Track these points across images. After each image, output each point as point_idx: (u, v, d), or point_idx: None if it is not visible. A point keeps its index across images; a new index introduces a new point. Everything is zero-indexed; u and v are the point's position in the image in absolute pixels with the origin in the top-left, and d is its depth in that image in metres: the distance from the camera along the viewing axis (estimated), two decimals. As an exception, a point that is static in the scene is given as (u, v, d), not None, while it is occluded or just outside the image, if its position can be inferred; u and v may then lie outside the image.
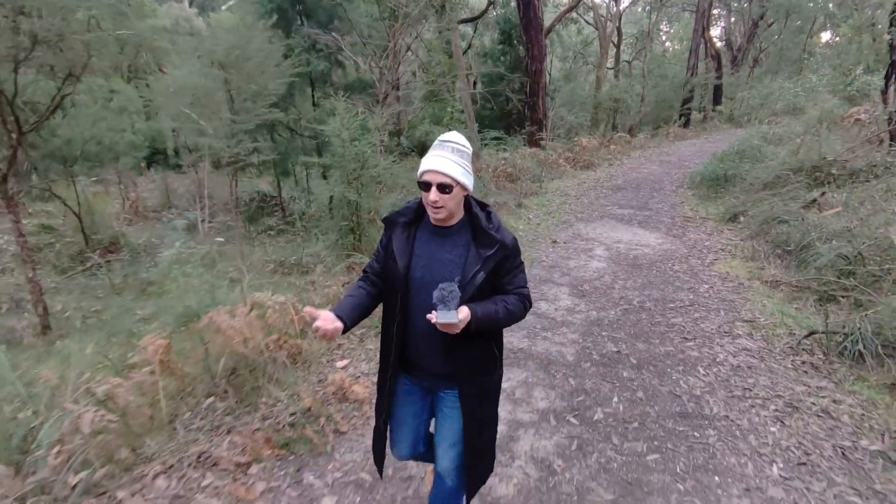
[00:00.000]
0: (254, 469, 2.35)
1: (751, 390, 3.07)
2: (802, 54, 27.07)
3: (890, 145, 7.84)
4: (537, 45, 14.19)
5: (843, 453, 2.51)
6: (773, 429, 2.70)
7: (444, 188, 1.51)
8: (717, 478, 2.36)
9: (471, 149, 1.63)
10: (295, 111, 7.26)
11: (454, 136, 1.60)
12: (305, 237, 6.65)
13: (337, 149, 4.38)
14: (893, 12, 6.58)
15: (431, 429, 1.88)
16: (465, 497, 1.81)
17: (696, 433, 2.68)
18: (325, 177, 7.49)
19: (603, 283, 4.95)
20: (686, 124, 20.29)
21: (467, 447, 1.70)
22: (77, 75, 4.14)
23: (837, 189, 6.86)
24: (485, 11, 14.00)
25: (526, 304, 1.68)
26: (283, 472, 2.38)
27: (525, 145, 11.81)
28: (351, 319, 1.59)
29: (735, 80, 23.90)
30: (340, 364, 3.33)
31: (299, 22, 6.74)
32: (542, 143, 12.92)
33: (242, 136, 6.11)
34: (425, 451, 1.90)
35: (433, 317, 1.45)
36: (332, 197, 6.84)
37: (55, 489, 1.98)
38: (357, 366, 3.40)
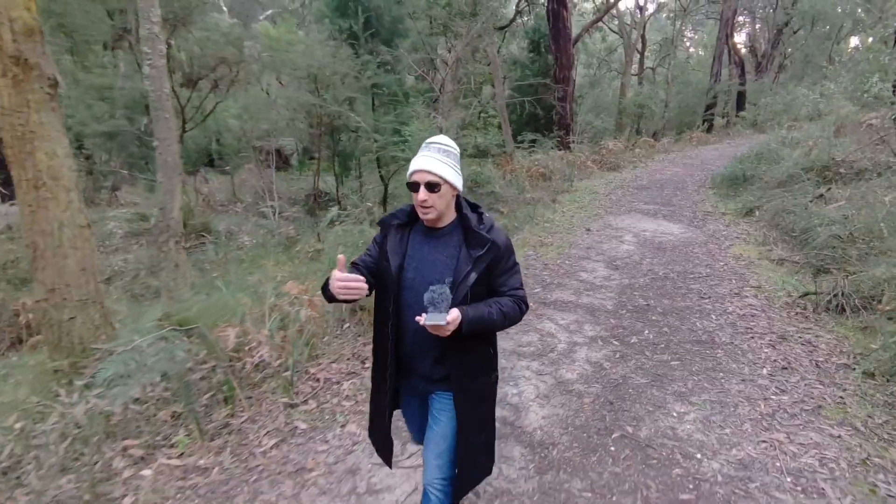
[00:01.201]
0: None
1: (751, 329, 4.08)
2: (828, 60, 27.58)
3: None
4: (566, 54, 15.27)
5: (816, 364, 3.50)
6: (766, 350, 3.71)
7: (432, 187, 1.55)
8: (721, 374, 3.38)
9: (457, 149, 1.68)
10: (356, 117, 8.46)
11: (440, 138, 1.66)
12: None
13: (415, 147, 5.52)
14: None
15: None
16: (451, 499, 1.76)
17: (707, 351, 3.70)
18: (380, 175, 8.63)
19: (633, 261, 5.97)
20: (709, 129, 21.10)
21: (461, 449, 1.70)
22: (227, 88, 5.36)
23: (844, 186, 7.76)
24: (512, 20, 15.12)
25: (521, 306, 1.69)
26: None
27: (556, 148, 12.85)
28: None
29: (759, 86, 24.59)
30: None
31: (365, 39, 7.95)
32: (571, 146, 13.95)
33: (315, 139, 7.29)
34: (447, 478, 1.83)
35: (422, 318, 1.47)
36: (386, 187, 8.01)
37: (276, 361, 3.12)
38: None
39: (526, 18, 18.38)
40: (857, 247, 5.18)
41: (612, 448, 2.61)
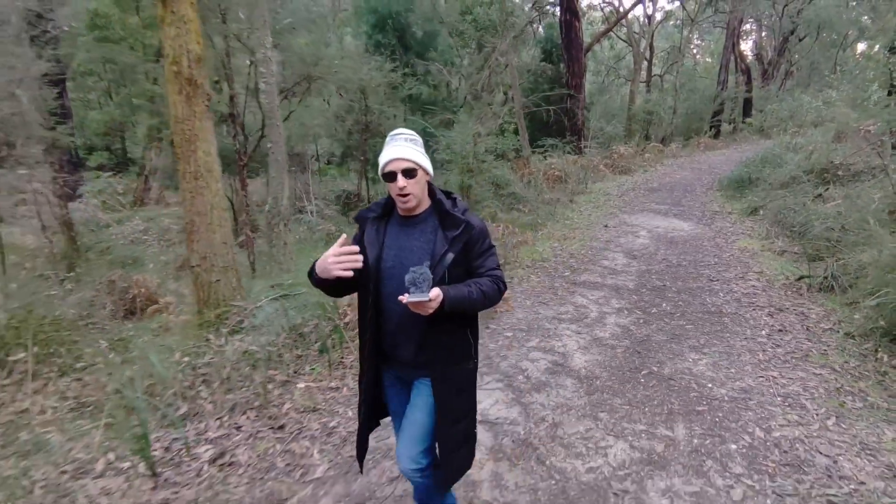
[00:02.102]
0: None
1: (753, 303, 4.87)
2: (834, 68, 28.40)
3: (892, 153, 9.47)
4: (577, 62, 16.16)
5: (806, 328, 4.29)
6: (765, 318, 4.50)
7: (408, 173, 1.63)
8: (727, 334, 4.17)
9: (420, 139, 1.78)
10: (390, 123, 9.32)
11: (403, 130, 1.75)
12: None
13: (457, 149, 6.37)
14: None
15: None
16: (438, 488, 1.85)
17: (715, 319, 4.49)
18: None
19: (648, 252, 6.77)
20: (716, 135, 21.92)
21: (441, 439, 1.75)
22: (300, 99, 6.21)
23: (841, 187, 8.55)
24: (522, 30, 16.01)
25: (500, 285, 1.76)
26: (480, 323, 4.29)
27: (571, 153, 13.69)
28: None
29: (765, 93, 25.43)
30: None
31: (402, 53, 8.84)
32: (584, 150, 14.79)
33: (361, 143, 8.15)
34: (426, 465, 1.86)
35: (405, 298, 1.52)
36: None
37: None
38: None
39: (536, 26, 19.32)
40: (847, 238, 5.97)
41: (642, 380, 3.41)
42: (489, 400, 3.16)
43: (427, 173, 1.71)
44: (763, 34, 31.04)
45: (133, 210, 10.07)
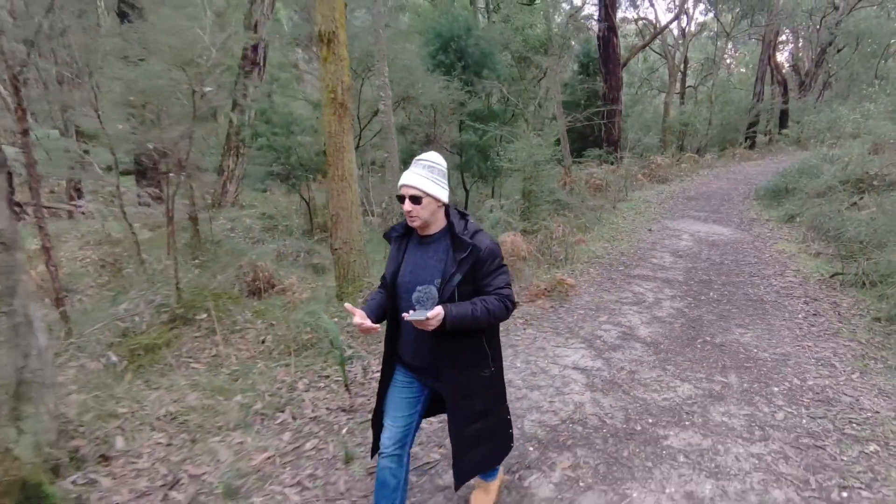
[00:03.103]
0: (541, 303, 5.18)
1: (791, 294, 5.65)
2: (875, 78, 28.48)
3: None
4: (615, 77, 17.01)
5: (838, 313, 5.06)
6: (801, 305, 5.28)
7: (415, 199, 1.82)
8: (768, 316, 4.97)
9: (443, 164, 1.94)
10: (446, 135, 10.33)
11: (428, 155, 1.92)
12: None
13: (520, 158, 7.32)
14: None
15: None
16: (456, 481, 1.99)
17: (757, 305, 5.29)
18: (462, 182, 10.43)
19: (692, 252, 7.57)
20: (752, 146, 22.38)
21: (453, 438, 1.93)
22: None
23: (876, 196, 9.17)
24: (570, 48, 16.94)
25: (507, 303, 1.90)
26: (554, 303, 5.20)
27: (609, 163, 14.51)
28: (376, 317, 1.93)
29: (802, 104, 25.74)
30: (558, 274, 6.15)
31: (460, 71, 9.88)
32: (620, 160, 15.58)
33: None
34: (407, 454, 2.04)
35: (407, 315, 1.72)
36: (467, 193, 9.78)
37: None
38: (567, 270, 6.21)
39: (573, 42, 20.24)
40: (879, 239, 6.67)
41: (698, 346, 4.26)
42: (577, 355, 4.07)
43: (437, 200, 1.86)
44: (800, 44, 31.32)
45: (214, 211, 11.30)
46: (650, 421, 3.13)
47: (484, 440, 1.99)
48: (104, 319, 4.15)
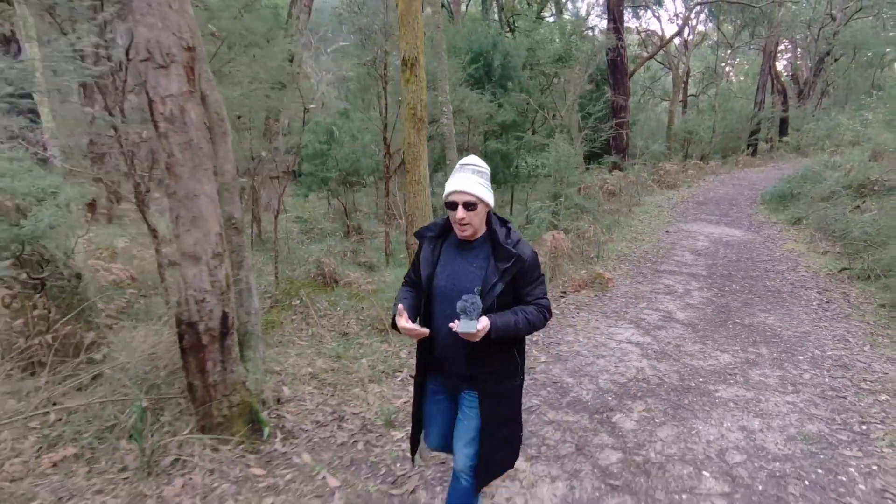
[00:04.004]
0: (585, 292, 5.90)
1: (804, 285, 6.39)
2: (872, 87, 29.52)
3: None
4: (622, 87, 17.85)
5: (848, 301, 5.80)
6: (815, 294, 6.03)
7: (469, 206, 1.79)
8: (786, 303, 5.71)
9: (488, 169, 1.93)
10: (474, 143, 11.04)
11: (473, 160, 1.90)
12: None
13: (552, 164, 8.07)
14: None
15: None
16: (475, 489, 2.01)
17: (775, 294, 6.03)
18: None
19: (710, 251, 8.32)
20: (754, 153, 23.29)
21: (484, 442, 1.94)
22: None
23: (877, 199, 9.97)
24: (588, 62, 17.76)
25: (545, 314, 1.92)
26: (597, 293, 5.92)
27: (619, 169, 15.30)
28: (413, 318, 1.90)
29: (802, 112, 26.73)
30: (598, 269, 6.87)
31: (486, 84, 10.66)
32: (628, 167, 16.38)
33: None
34: (451, 443, 2.07)
35: (455, 326, 1.71)
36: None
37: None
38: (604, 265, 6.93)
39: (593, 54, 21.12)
40: (882, 238, 7.44)
41: (730, 326, 4.99)
42: (627, 333, 4.79)
43: (487, 205, 1.84)
44: (798, 54, 32.43)
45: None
46: (701, 380, 3.85)
47: (507, 445, 2.04)
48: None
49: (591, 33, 19.14)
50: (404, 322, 1.80)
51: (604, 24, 21.85)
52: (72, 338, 3.54)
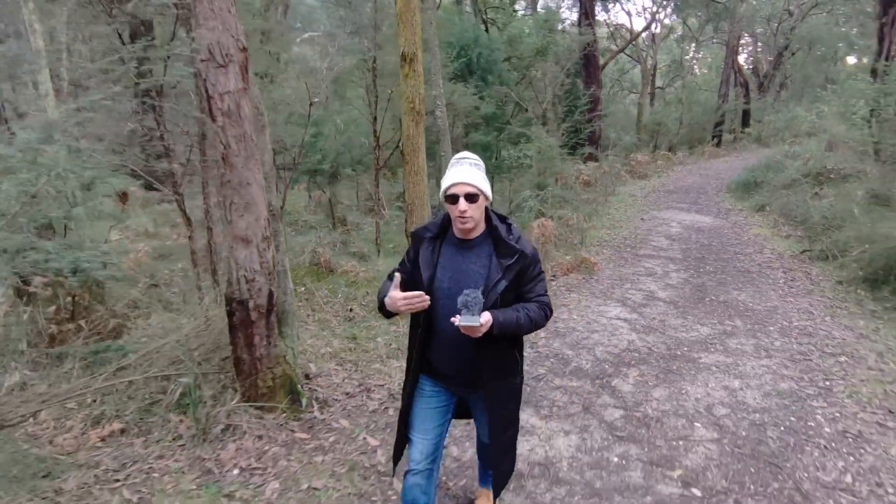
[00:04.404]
0: (574, 275, 6.31)
1: (771, 266, 6.97)
2: (826, 80, 31.10)
3: (875, 159, 11.73)
4: (595, 80, 18.42)
5: (810, 278, 6.38)
6: (780, 273, 6.60)
7: (470, 198, 1.75)
8: (756, 282, 6.25)
9: (483, 164, 1.91)
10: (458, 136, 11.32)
11: (469, 154, 1.89)
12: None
13: (535, 155, 8.45)
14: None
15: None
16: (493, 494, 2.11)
17: (745, 275, 6.57)
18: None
19: (683, 236, 8.87)
20: (718, 144, 24.32)
21: (494, 446, 1.98)
22: None
23: (833, 187, 10.75)
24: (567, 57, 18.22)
25: (546, 311, 1.92)
26: (584, 276, 6.33)
27: (596, 160, 15.85)
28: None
29: (762, 104, 28.02)
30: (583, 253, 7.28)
31: (470, 77, 10.95)
32: (601, 158, 16.98)
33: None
34: (437, 468, 2.01)
35: (457, 320, 1.67)
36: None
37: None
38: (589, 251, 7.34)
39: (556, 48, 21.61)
40: (838, 223, 8.12)
41: (707, 303, 5.47)
42: (616, 311, 5.21)
43: (487, 198, 1.82)
44: (759, 48, 33.85)
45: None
46: (685, 349, 4.29)
47: (511, 448, 2.06)
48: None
49: (562, 26, 19.64)
50: (402, 293, 1.74)
51: (574, 16, 22.47)
52: (100, 324, 3.72)
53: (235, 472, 2.60)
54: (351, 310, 5.41)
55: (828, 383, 3.67)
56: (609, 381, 3.73)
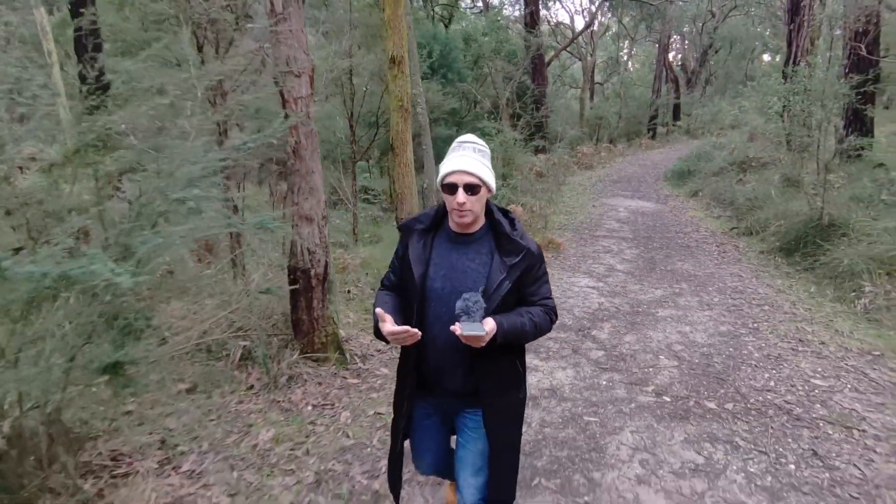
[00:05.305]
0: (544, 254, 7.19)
1: (707, 242, 8.17)
2: (745, 77, 34.15)
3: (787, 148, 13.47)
4: (541, 75, 19.59)
5: (738, 250, 7.60)
6: (714, 248, 7.79)
7: (470, 189, 1.55)
8: (695, 254, 7.38)
9: (488, 149, 1.71)
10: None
11: (473, 137, 1.68)
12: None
13: (499, 147, 9.29)
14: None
15: (453, 444, 1.91)
16: None
17: (686, 249, 7.71)
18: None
19: (630, 219, 10.03)
20: (653, 137, 26.32)
21: (493, 470, 1.72)
22: None
23: (754, 173, 12.32)
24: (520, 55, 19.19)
25: (552, 316, 1.74)
26: (552, 254, 7.22)
27: (546, 151, 16.98)
28: (399, 322, 1.60)
29: (690, 99, 30.48)
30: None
31: (433, 74, 11.65)
32: (557, 151, 18.18)
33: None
34: (447, 469, 1.94)
35: (457, 328, 1.47)
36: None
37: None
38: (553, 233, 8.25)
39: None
40: (759, 204, 9.51)
41: (658, 272, 6.50)
42: (584, 281, 6.13)
43: (490, 189, 1.64)
44: (686, 46, 36.60)
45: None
46: (645, 307, 5.24)
47: (512, 473, 1.80)
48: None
49: (507, 23, 20.67)
50: (390, 326, 1.53)
51: (517, 12, 23.59)
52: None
53: (309, 408, 3.22)
54: (349, 291, 6.01)
55: (755, 325, 4.71)
56: (589, 331, 4.59)
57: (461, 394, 1.71)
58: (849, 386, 3.55)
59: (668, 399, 3.44)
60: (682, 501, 2.48)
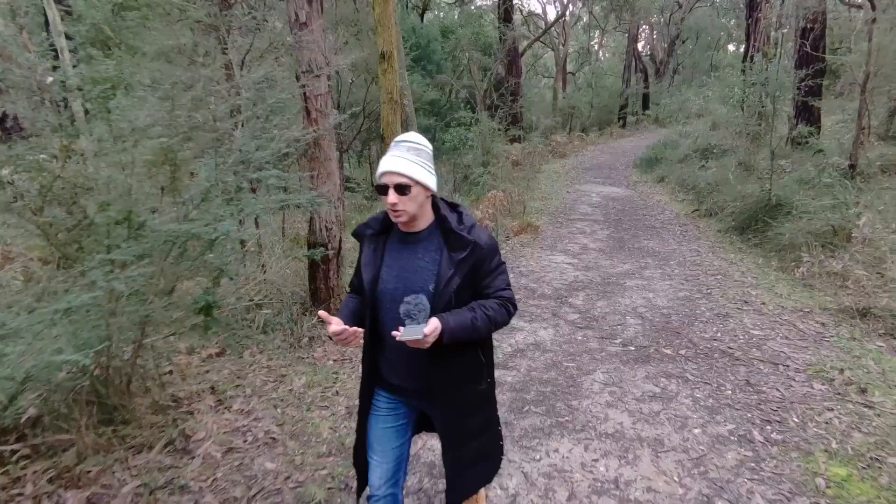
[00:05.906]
0: (523, 235, 7.84)
1: (671, 223, 8.96)
2: (710, 66, 35.50)
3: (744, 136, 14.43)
4: (515, 66, 20.20)
5: (699, 230, 8.40)
6: (677, 228, 8.58)
7: (401, 189, 1.56)
8: (661, 234, 8.15)
9: (429, 147, 1.68)
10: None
11: (411, 135, 1.69)
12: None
13: (476, 137, 9.89)
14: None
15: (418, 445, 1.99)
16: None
17: (653, 229, 8.48)
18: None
19: (602, 203, 10.77)
20: (624, 125, 27.31)
21: (448, 462, 1.76)
22: None
23: (716, 160, 13.23)
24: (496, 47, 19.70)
25: (509, 307, 1.72)
26: (531, 235, 7.88)
27: (521, 141, 17.64)
28: (353, 325, 1.63)
29: (659, 88, 31.58)
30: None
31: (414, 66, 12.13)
32: (532, 139, 18.86)
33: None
34: (400, 491, 1.86)
35: (398, 334, 1.49)
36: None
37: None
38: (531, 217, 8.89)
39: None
40: (718, 188, 10.36)
41: (627, 249, 7.22)
42: (561, 258, 6.80)
43: (426, 188, 1.62)
44: (655, 36, 37.75)
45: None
46: (615, 278, 5.94)
47: (482, 458, 1.84)
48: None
49: (482, 13, 21.17)
50: (334, 326, 1.58)
51: (489, 2, 24.09)
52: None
53: (330, 362, 3.78)
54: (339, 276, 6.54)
55: (709, 291, 5.45)
56: (566, 299, 5.26)
57: (419, 391, 1.74)
58: (781, 335, 4.30)
59: (633, 348, 4.12)
60: (641, 418, 3.15)
